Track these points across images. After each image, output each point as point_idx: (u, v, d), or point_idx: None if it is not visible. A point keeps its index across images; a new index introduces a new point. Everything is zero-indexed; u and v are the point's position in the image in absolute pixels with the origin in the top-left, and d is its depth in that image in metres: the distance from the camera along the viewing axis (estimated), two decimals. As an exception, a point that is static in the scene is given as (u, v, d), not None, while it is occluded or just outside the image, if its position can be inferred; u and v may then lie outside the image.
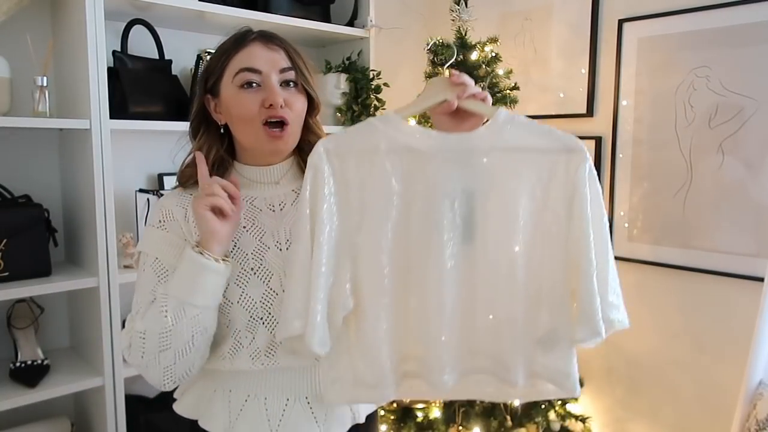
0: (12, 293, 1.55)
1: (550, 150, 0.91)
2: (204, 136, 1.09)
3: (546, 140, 0.92)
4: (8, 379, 1.63)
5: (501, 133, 0.91)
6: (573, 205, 0.91)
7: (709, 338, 2.01)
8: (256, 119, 1.03)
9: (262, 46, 1.04)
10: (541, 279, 0.93)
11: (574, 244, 0.91)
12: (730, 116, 1.90)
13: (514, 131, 0.91)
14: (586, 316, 0.89)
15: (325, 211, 0.90)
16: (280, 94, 1.02)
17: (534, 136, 0.92)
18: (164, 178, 2.00)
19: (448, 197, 0.91)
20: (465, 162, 0.91)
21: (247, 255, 1.03)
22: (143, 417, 1.81)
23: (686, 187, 2.02)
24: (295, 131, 1.07)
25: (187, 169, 1.10)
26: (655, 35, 2.06)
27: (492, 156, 0.91)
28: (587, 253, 0.89)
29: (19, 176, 1.76)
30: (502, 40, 2.18)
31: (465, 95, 0.94)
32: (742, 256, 1.90)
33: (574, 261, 0.91)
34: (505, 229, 0.91)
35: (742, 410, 1.61)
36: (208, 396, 1.07)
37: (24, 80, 1.65)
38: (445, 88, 0.95)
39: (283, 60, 1.04)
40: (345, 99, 2.20)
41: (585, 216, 0.90)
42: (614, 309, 0.94)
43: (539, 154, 0.91)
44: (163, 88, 1.85)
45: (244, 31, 1.07)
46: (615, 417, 2.28)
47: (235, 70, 1.03)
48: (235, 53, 1.04)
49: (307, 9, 2.08)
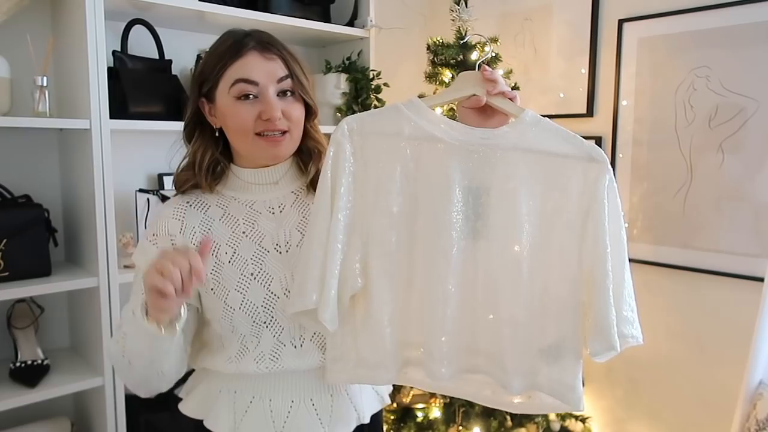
0: (12, 293, 1.55)
1: (571, 156, 0.91)
2: (199, 140, 1.09)
3: (569, 146, 0.91)
4: (8, 379, 1.63)
5: (525, 133, 0.91)
6: (589, 214, 0.90)
7: (709, 338, 2.01)
8: (252, 131, 1.03)
9: (259, 55, 1.02)
10: (548, 285, 0.92)
11: (589, 255, 0.89)
12: (730, 116, 1.90)
13: (539, 134, 0.91)
14: (600, 329, 0.88)
15: (344, 187, 0.91)
16: (278, 107, 1.02)
17: (557, 141, 0.91)
18: (164, 178, 2.00)
19: (463, 191, 0.91)
20: (485, 158, 0.91)
21: (246, 261, 1.03)
22: (143, 417, 1.81)
23: (686, 187, 2.02)
24: (295, 138, 1.07)
25: (182, 174, 1.10)
26: (655, 35, 2.06)
27: (512, 155, 0.91)
28: (603, 264, 0.88)
29: (19, 176, 1.76)
30: (502, 40, 2.18)
31: (494, 92, 0.94)
32: (742, 256, 1.90)
33: (588, 272, 0.89)
34: (515, 230, 0.91)
35: (742, 410, 1.61)
36: (214, 396, 1.07)
37: (24, 80, 1.65)
38: (475, 82, 0.94)
39: (280, 69, 1.03)
40: (345, 99, 2.20)
41: (602, 227, 0.89)
42: (628, 324, 0.92)
43: (560, 159, 0.91)
44: (163, 88, 1.85)
45: (240, 36, 1.05)
46: (615, 417, 2.28)
47: (231, 81, 1.02)
48: (232, 62, 1.02)
49: (307, 9, 2.08)
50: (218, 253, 1.03)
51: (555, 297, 0.92)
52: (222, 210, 1.08)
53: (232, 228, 1.06)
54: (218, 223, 1.06)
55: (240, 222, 1.06)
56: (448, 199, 0.91)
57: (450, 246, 0.91)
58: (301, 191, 1.12)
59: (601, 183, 0.90)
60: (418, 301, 0.94)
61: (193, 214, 1.06)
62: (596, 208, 0.89)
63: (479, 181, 0.91)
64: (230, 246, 1.04)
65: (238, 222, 1.06)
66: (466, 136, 0.91)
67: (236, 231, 1.06)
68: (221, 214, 1.07)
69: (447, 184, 0.91)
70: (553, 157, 0.91)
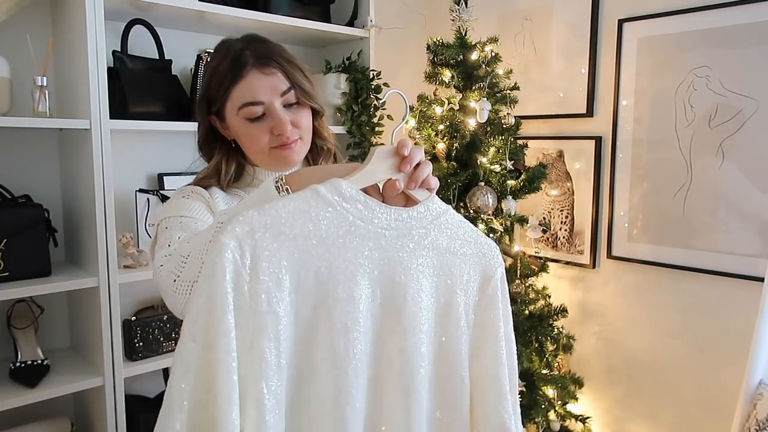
0: (12, 293, 1.54)
1: (470, 254, 0.93)
2: (220, 153, 1.13)
3: (469, 243, 0.93)
4: (8, 379, 1.63)
5: (432, 222, 0.89)
6: (486, 311, 0.93)
7: (709, 338, 2.01)
8: (268, 147, 1.07)
9: (259, 73, 1.04)
10: (446, 382, 0.92)
11: (485, 351, 0.93)
12: (730, 116, 1.90)
13: (443, 227, 0.91)
14: (487, 417, 0.92)
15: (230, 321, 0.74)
16: (287, 121, 1.05)
17: (460, 236, 0.92)
18: (164, 178, 2.00)
19: (370, 285, 0.84)
20: (394, 248, 0.86)
21: None
22: (143, 417, 1.81)
23: (686, 187, 2.02)
24: (306, 142, 1.11)
25: (204, 180, 1.13)
26: (655, 35, 2.06)
27: (420, 249, 0.88)
28: (497, 362, 0.92)
29: (19, 176, 1.76)
30: (502, 40, 2.18)
31: (408, 170, 0.87)
32: (742, 256, 1.90)
33: (481, 369, 0.93)
34: (420, 326, 0.88)
35: (742, 410, 1.61)
36: None
37: (24, 80, 1.65)
38: (392, 164, 0.87)
39: (281, 83, 1.05)
40: (345, 99, 2.20)
41: (497, 325, 0.93)
42: (515, 417, 0.95)
43: (460, 256, 0.92)
44: (163, 88, 1.85)
45: (237, 50, 1.05)
46: (615, 417, 2.28)
47: (237, 105, 1.05)
48: (234, 85, 1.05)
49: (307, 9, 2.08)
50: None
51: (450, 394, 0.92)
52: (239, 198, 1.12)
53: None
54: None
55: None
56: (357, 298, 0.83)
57: (358, 351, 0.82)
58: None
59: (494, 279, 0.93)
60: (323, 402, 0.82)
61: (216, 193, 1.11)
62: (491, 307, 0.93)
63: (388, 271, 0.86)
64: None
65: None
66: (380, 219, 0.85)
67: None
68: (239, 201, 1.10)
69: (354, 278, 0.82)
70: (453, 253, 0.91)
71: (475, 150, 2.03)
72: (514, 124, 2.04)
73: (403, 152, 0.86)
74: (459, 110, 2.04)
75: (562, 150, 2.35)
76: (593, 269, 2.29)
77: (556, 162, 2.37)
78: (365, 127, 2.18)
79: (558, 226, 2.39)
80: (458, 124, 2.03)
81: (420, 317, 0.87)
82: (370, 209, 0.84)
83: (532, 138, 2.34)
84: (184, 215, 1.03)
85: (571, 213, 2.34)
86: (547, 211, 2.42)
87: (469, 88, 2.05)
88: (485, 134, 2.04)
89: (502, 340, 0.92)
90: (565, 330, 2.23)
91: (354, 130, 2.17)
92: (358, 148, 2.19)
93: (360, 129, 2.18)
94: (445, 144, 2.07)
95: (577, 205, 2.32)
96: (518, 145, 2.09)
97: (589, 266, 2.28)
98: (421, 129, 2.08)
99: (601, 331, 2.30)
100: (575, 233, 2.33)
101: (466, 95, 2.03)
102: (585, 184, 2.29)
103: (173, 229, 1.00)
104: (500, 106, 2.02)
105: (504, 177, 2.02)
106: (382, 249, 0.84)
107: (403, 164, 0.86)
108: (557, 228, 2.39)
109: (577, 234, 2.32)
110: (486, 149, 2.03)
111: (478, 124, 2.02)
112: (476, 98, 2.00)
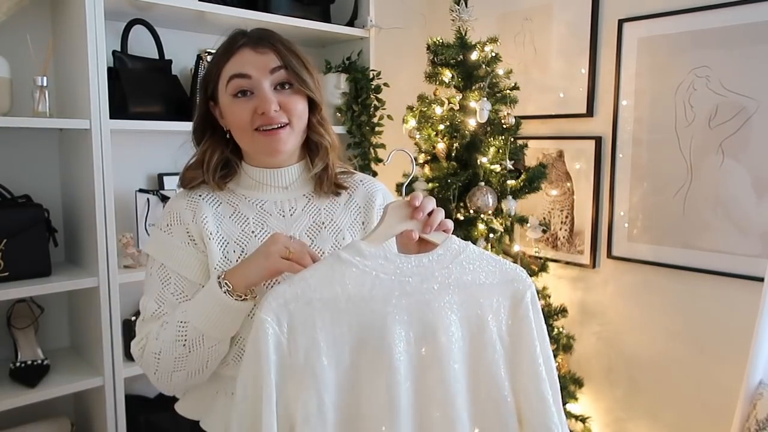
0: (12, 293, 1.55)
1: (497, 283, 0.95)
2: (209, 140, 1.10)
3: (494, 272, 0.95)
4: (8, 379, 1.63)
5: (453, 261, 0.93)
6: (520, 336, 0.94)
7: (709, 338, 2.01)
8: (251, 127, 1.02)
9: (251, 50, 1.03)
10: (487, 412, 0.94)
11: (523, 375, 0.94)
12: (730, 116, 1.90)
13: (466, 262, 0.94)
14: (534, 429, 0.93)
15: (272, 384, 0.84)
16: (273, 100, 1.01)
17: (484, 268, 0.94)
18: (164, 178, 2.00)
19: (403, 327, 0.89)
20: (421, 293, 0.91)
21: None
22: (143, 417, 1.81)
23: (686, 187, 2.02)
24: (297, 131, 1.06)
25: (189, 172, 1.10)
26: (655, 35, 2.06)
27: (445, 288, 0.92)
28: (539, 383, 0.93)
29: (19, 176, 1.76)
30: (502, 40, 2.18)
31: (420, 217, 0.94)
32: (742, 256, 1.90)
33: (523, 386, 0.94)
34: (451, 353, 0.91)
35: (742, 410, 1.61)
36: (210, 397, 1.07)
37: (24, 80, 1.65)
38: (405, 214, 0.94)
39: (272, 61, 1.03)
40: (345, 99, 2.20)
41: (533, 346, 0.94)
42: (562, 427, 0.96)
43: (487, 285, 0.94)
44: (163, 88, 1.86)
45: (235, 34, 1.06)
46: (615, 417, 2.28)
47: (226, 78, 1.03)
48: (226, 61, 1.03)
49: (307, 9, 2.08)
50: (226, 250, 1.04)
51: (494, 413, 0.93)
52: (232, 208, 1.08)
53: (242, 227, 1.06)
54: (228, 220, 1.06)
55: (250, 221, 1.07)
56: (390, 342, 0.88)
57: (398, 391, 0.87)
58: (313, 195, 1.12)
59: (525, 301, 0.95)
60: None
61: (205, 206, 1.07)
62: (526, 328, 0.95)
63: (417, 316, 0.90)
64: (239, 245, 1.05)
65: (248, 221, 1.07)
66: (402, 268, 0.90)
67: (246, 230, 1.06)
68: (231, 211, 1.08)
69: (385, 324, 0.88)
70: (479, 285, 0.94)
71: (475, 150, 2.03)
72: (514, 124, 2.04)
73: (414, 203, 0.93)
74: (459, 110, 2.04)
75: (562, 150, 2.35)
76: (593, 269, 2.29)
77: (556, 162, 2.37)
78: (365, 127, 2.19)
79: (558, 226, 2.39)
80: (458, 124, 2.03)
81: (452, 349, 0.91)
82: (391, 262, 0.90)
83: (532, 138, 2.34)
84: (165, 264, 1.04)
85: (571, 213, 2.34)
86: (547, 211, 2.42)
87: (469, 88, 2.05)
88: (485, 134, 2.04)
89: (539, 357, 0.94)
90: (565, 330, 2.23)
91: (354, 130, 2.17)
92: (358, 148, 2.19)
93: (360, 129, 2.18)
94: (445, 144, 2.07)
95: (577, 205, 2.32)
96: (518, 145, 2.09)
97: (589, 266, 2.28)
98: (421, 129, 2.08)
99: (601, 331, 2.30)
100: (575, 233, 2.33)
101: (466, 95, 2.03)
102: (585, 184, 2.29)
103: (151, 290, 1.05)
104: (500, 106, 2.02)
105: (504, 177, 2.02)
106: (408, 295, 0.90)
107: (416, 212, 0.93)
108: (557, 228, 2.39)
109: (577, 234, 2.32)
110: (486, 149, 2.03)
111: (478, 124, 2.02)
112: (476, 98, 2.00)
